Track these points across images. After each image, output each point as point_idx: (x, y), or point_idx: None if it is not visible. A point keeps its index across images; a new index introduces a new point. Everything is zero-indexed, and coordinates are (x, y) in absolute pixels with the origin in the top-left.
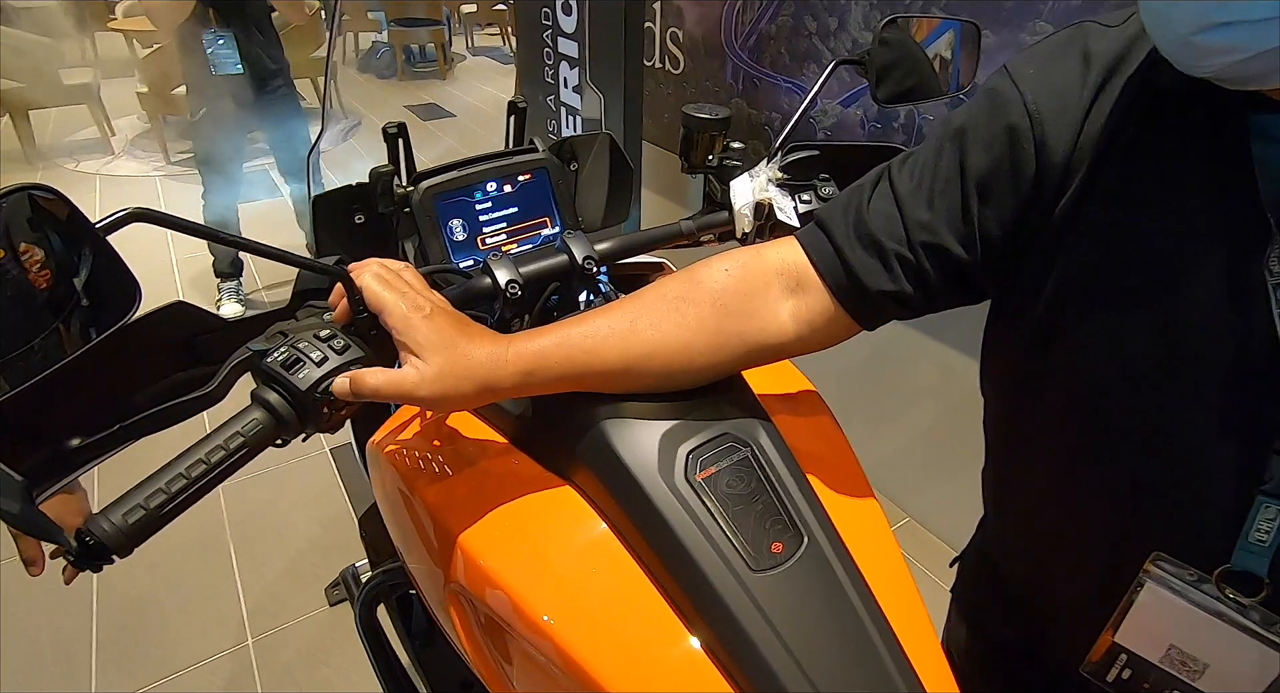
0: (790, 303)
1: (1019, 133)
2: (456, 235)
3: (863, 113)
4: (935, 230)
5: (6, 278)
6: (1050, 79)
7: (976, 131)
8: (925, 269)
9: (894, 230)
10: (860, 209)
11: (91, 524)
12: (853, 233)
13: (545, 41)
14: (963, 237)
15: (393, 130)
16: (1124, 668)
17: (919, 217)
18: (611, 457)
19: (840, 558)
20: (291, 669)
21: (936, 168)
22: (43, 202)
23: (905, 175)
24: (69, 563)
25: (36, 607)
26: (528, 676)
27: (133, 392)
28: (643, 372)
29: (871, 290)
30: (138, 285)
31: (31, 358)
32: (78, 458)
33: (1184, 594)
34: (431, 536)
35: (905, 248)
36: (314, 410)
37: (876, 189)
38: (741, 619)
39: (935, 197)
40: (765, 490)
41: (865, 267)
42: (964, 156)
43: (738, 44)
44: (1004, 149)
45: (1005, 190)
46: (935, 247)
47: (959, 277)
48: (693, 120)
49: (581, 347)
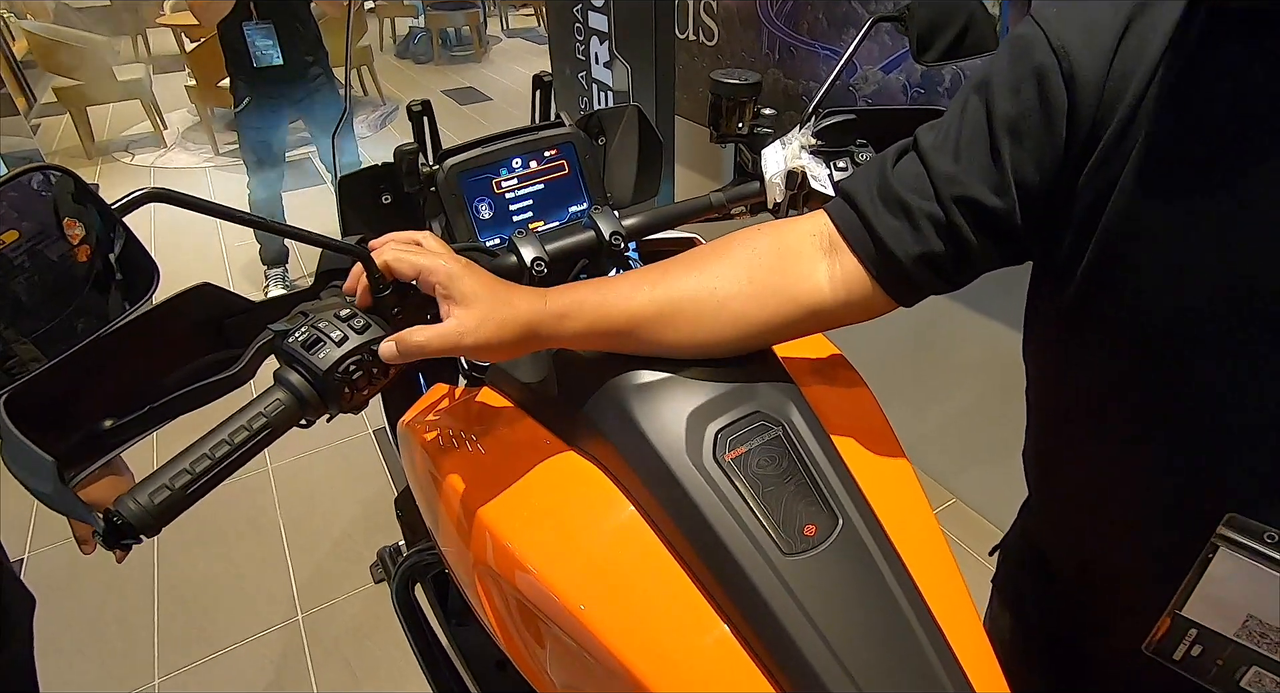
0: (825, 264)
1: (1046, 71)
2: (482, 213)
3: (905, 78)
4: (965, 181)
5: (41, 254)
6: (1075, 14)
7: (1001, 78)
8: (957, 225)
9: (921, 187)
10: (884, 173)
11: (119, 505)
12: (877, 197)
13: (576, 17)
14: (995, 185)
15: (417, 108)
16: (1194, 644)
17: (946, 170)
18: (638, 437)
19: (877, 541)
20: (339, 643)
21: (962, 121)
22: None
23: (930, 135)
24: (98, 543)
25: (102, 584)
26: (558, 659)
27: (162, 374)
28: (676, 329)
29: (900, 257)
30: (155, 266)
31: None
32: (110, 440)
33: (1261, 559)
34: (461, 516)
35: (934, 204)
36: (335, 390)
37: (903, 155)
38: (773, 605)
39: (962, 148)
40: (798, 471)
41: (892, 231)
42: (990, 104)
43: (773, 11)
44: (1032, 90)
45: (1038, 131)
46: (966, 199)
47: (994, 230)
48: (721, 86)
49: (618, 298)
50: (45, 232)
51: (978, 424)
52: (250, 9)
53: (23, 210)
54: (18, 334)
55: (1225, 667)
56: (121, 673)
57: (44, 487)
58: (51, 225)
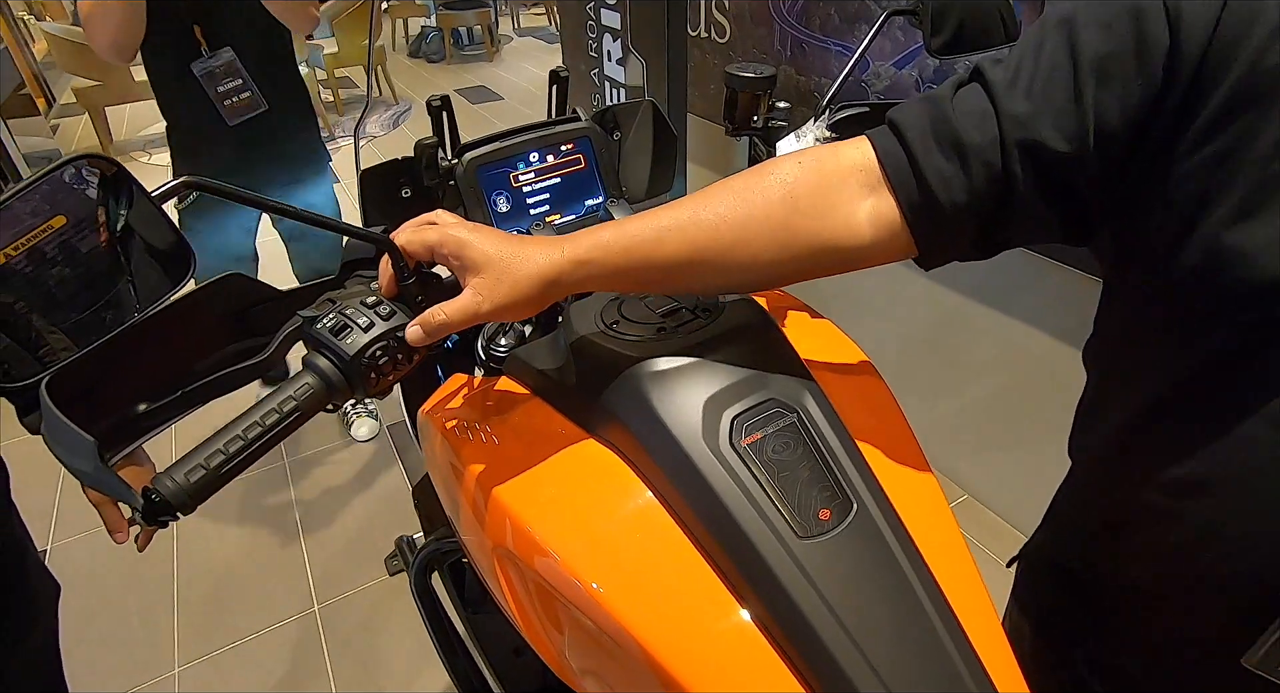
0: (870, 202)
1: (1145, 7)
2: (500, 206)
3: (918, 74)
4: (1036, 124)
5: (74, 247)
6: None
7: (1090, 12)
8: (1014, 177)
9: (984, 125)
10: (943, 106)
11: (156, 482)
12: (930, 133)
13: (589, 14)
14: (1070, 130)
15: (436, 103)
16: None
17: (1016, 109)
18: (656, 423)
19: (891, 526)
20: (355, 635)
21: (1039, 57)
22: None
23: (998, 70)
24: (137, 520)
25: (123, 575)
26: (576, 641)
27: (192, 361)
28: (702, 268)
29: (943, 205)
30: (192, 252)
31: (98, 322)
32: (144, 423)
33: None
34: (480, 501)
35: (995, 149)
36: (361, 375)
37: (965, 86)
38: (788, 587)
39: (1036, 84)
40: (812, 457)
41: (940, 175)
42: (1075, 40)
43: (785, 8)
44: (1127, 26)
45: (1130, 74)
46: (1032, 145)
47: (1057, 187)
48: (736, 79)
49: (642, 237)
50: (86, 220)
51: (993, 422)
52: (195, 36)
53: (63, 200)
54: (49, 324)
55: None
56: (143, 662)
57: (84, 466)
58: (92, 215)
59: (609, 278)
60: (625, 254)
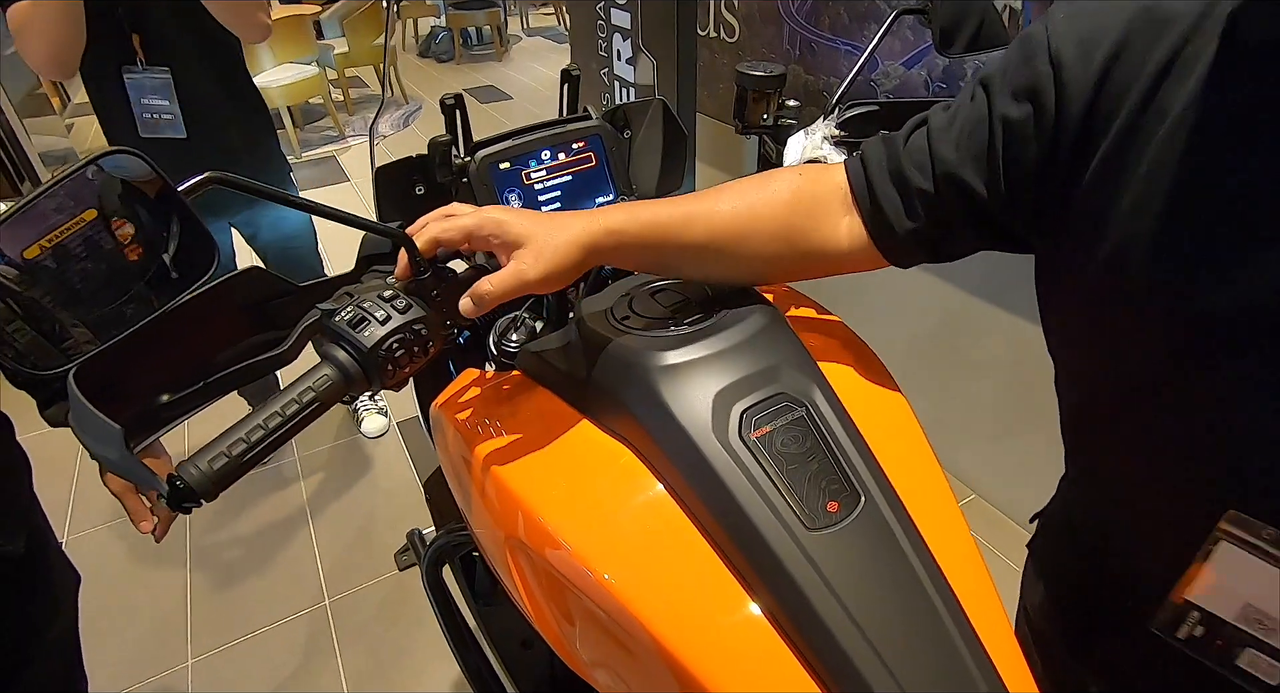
0: (847, 220)
1: (1042, 82)
2: (512, 203)
3: (927, 74)
4: (959, 167)
5: (98, 244)
6: (1080, 23)
7: (1005, 77)
8: (947, 205)
9: (923, 165)
10: (897, 145)
11: (181, 470)
12: (885, 166)
13: (599, 14)
14: (986, 177)
15: (450, 102)
16: (1197, 625)
17: (945, 154)
18: (666, 416)
19: (899, 519)
20: (365, 628)
21: (969, 111)
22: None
23: (941, 118)
24: (161, 506)
25: (137, 568)
26: (587, 630)
27: (212, 353)
28: (717, 253)
29: (895, 228)
30: (216, 246)
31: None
32: (166, 413)
33: (1259, 553)
34: (492, 493)
35: (929, 183)
36: (379, 367)
37: (916, 130)
38: (796, 577)
39: (963, 138)
40: (821, 450)
41: (891, 203)
42: (991, 101)
43: (794, 8)
44: (1029, 98)
45: (1029, 138)
46: (957, 182)
47: (979, 217)
48: (747, 78)
49: (669, 218)
50: (116, 214)
51: (999, 422)
52: (133, 46)
53: (93, 195)
54: (74, 318)
55: (1225, 648)
56: (156, 654)
57: (111, 453)
58: (120, 209)
59: (636, 251)
60: (653, 230)
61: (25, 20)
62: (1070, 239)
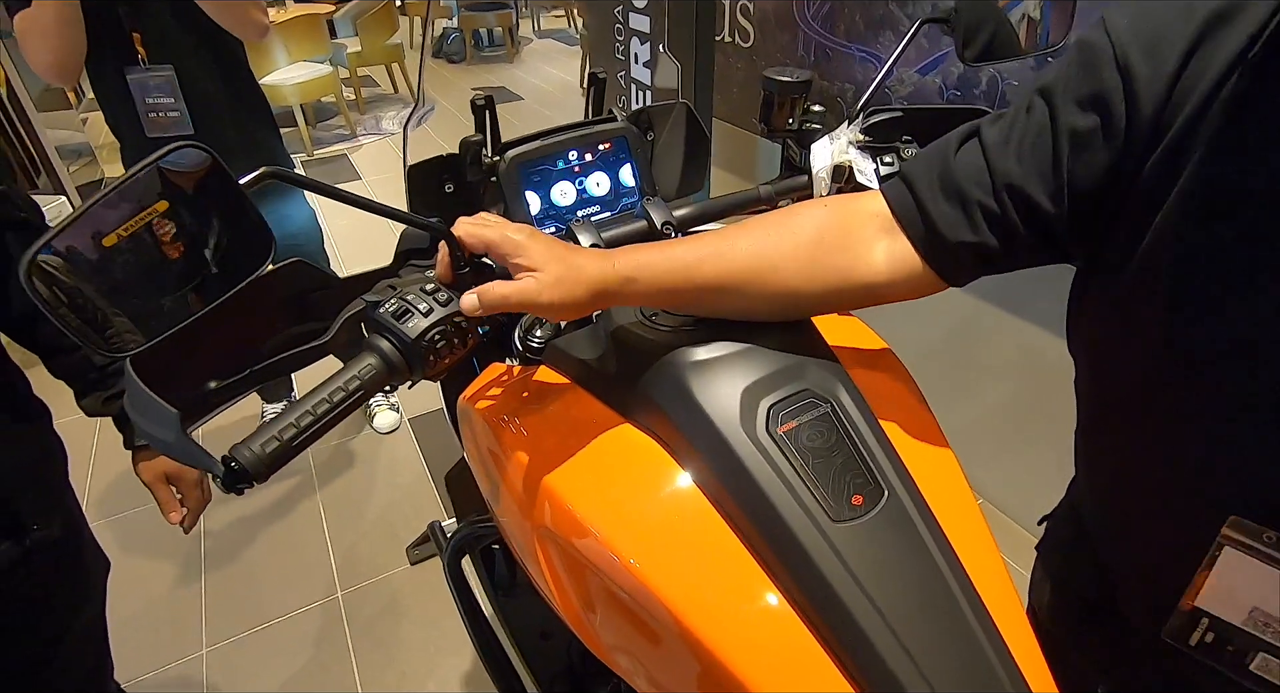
0: (885, 243)
1: (1110, 91)
2: (540, 202)
3: (941, 80)
4: (1024, 181)
5: (175, 226)
6: (1145, 30)
7: (1068, 86)
8: (1011, 220)
9: (981, 180)
10: (946, 161)
11: (235, 452)
12: (937, 184)
13: (616, 18)
14: (1051, 190)
15: (480, 102)
16: (1207, 631)
17: (1007, 168)
18: (695, 409)
19: (921, 513)
20: (376, 621)
21: (1027, 123)
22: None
23: (995, 131)
24: (218, 486)
25: (153, 559)
26: (611, 617)
27: (256, 342)
28: (735, 293)
29: (951, 241)
30: (272, 237)
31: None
32: (214, 399)
33: (1262, 556)
34: (521, 483)
35: (990, 198)
36: (421, 357)
37: (965, 144)
38: (821, 567)
39: (1025, 150)
40: (845, 445)
41: (946, 218)
42: (1055, 112)
43: (809, 13)
44: (1096, 108)
45: (1098, 147)
46: (1022, 195)
47: (1044, 230)
48: (773, 83)
49: (684, 261)
50: (185, 205)
51: (1008, 427)
52: (134, 45)
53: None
54: (115, 309)
55: (1236, 652)
56: (172, 642)
57: (167, 436)
58: (188, 200)
59: (651, 295)
60: (667, 274)
61: (28, 28)
62: (1114, 239)
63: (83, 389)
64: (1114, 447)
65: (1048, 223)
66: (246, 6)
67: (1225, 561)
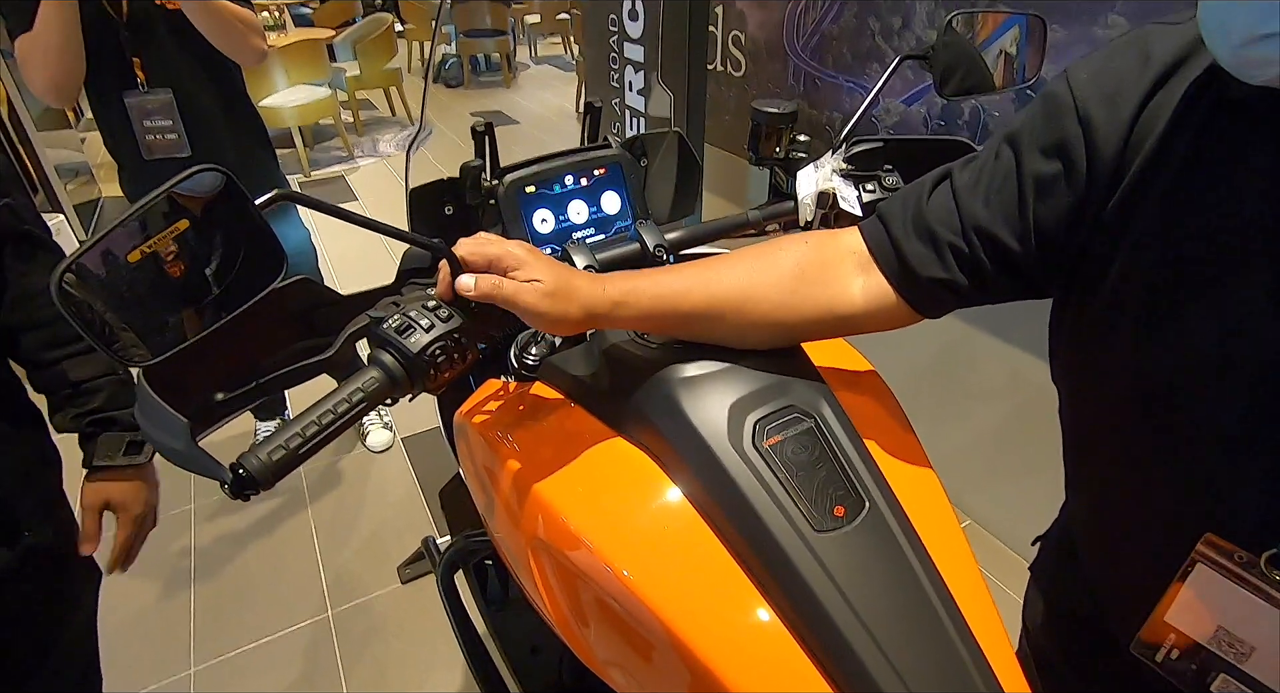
0: (861, 279)
1: (1072, 141)
2: (537, 225)
3: (925, 111)
4: (990, 223)
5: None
6: (1104, 82)
7: (1033, 135)
8: (979, 259)
9: (950, 222)
10: (920, 202)
11: (243, 460)
12: (910, 224)
13: (611, 47)
14: (1018, 231)
15: (481, 129)
16: (1172, 648)
17: (975, 211)
18: (684, 423)
19: (900, 524)
20: (367, 640)
21: (995, 168)
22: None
23: (965, 175)
24: (226, 493)
25: (141, 575)
26: (604, 628)
27: (261, 357)
28: (718, 320)
29: (923, 278)
30: (284, 255)
31: (178, 327)
32: (222, 409)
33: (1232, 577)
34: (516, 496)
35: (960, 238)
36: (423, 371)
37: (938, 187)
38: (805, 575)
39: (992, 194)
40: (828, 459)
41: (918, 256)
42: (1020, 159)
43: (799, 45)
44: (1059, 156)
45: (1061, 191)
46: (990, 237)
47: (1012, 268)
48: (761, 114)
49: (671, 288)
50: (204, 224)
51: (995, 449)
52: (133, 69)
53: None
54: (122, 324)
55: (1199, 671)
56: (159, 660)
57: (176, 444)
58: (206, 220)
59: (639, 320)
60: (656, 301)
61: (28, 51)
62: (1083, 275)
63: (56, 404)
64: (1095, 470)
65: (1014, 262)
66: (246, 33)
67: (1197, 577)
